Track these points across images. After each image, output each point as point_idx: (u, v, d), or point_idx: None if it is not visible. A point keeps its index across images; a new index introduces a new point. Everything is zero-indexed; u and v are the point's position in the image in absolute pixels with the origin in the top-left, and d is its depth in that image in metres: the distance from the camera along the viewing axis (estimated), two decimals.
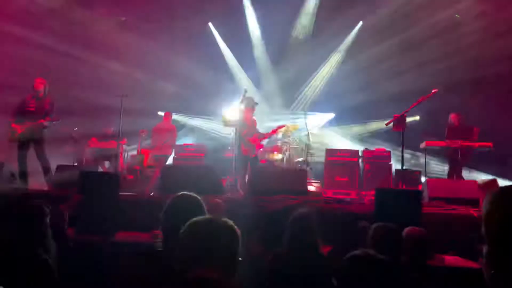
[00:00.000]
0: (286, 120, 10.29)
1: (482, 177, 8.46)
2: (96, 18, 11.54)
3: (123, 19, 11.72)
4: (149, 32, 11.21)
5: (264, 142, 8.72)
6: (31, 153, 7.51)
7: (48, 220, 3.04)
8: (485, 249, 1.30)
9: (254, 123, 8.02)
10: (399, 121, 6.22)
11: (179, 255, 1.72)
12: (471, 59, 9.95)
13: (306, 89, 12.06)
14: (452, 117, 8.74)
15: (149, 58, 11.44)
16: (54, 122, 7.37)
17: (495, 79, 9.73)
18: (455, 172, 8.33)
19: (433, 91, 6.33)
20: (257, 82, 11.96)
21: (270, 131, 8.29)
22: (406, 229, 3.24)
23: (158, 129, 10.29)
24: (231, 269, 1.73)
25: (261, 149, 8.37)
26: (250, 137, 7.74)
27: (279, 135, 10.04)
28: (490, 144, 8.00)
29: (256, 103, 8.09)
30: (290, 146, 9.98)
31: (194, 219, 1.78)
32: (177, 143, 10.57)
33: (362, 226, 3.52)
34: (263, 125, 9.16)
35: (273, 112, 11.55)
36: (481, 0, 9.93)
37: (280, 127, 8.33)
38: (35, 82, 7.46)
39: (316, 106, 11.83)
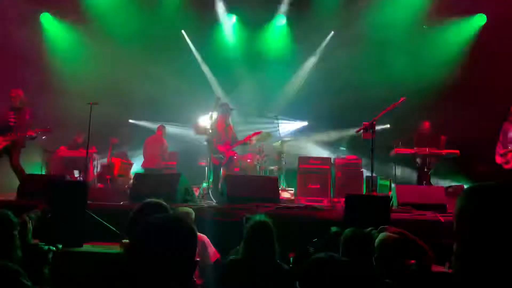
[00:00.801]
0: (259, 127, 10.27)
1: (450, 183, 8.69)
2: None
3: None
4: (121, 38, 11.11)
5: (237, 149, 8.69)
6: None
7: (16, 232, 2.93)
8: (455, 247, 1.31)
9: (228, 129, 7.94)
10: (369, 129, 6.31)
11: (135, 258, 1.65)
12: (440, 68, 10.27)
13: (280, 96, 12.09)
14: (422, 125, 9.01)
15: (121, 65, 11.32)
16: (44, 132, 7.40)
17: (461, 88, 10.03)
18: (423, 178, 8.52)
19: (401, 99, 6.47)
20: (231, 88, 11.93)
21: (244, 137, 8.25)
22: (384, 235, 3.23)
23: (149, 142, 10.26)
24: (188, 271, 1.68)
25: (234, 156, 8.30)
26: (220, 144, 7.69)
27: (253, 143, 10.06)
28: (457, 151, 8.24)
29: (231, 109, 8.02)
30: (263, 153, 10.01)
31: (150, 218, 1.72)
32: None
33: (334, 232, 3.53)
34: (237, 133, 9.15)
35: (246, 119, 11.55)
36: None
37: (255, 133, 8.24)
38: (10, 93, 7.35)
39: (289, 113, 11.91)
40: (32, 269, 2.92)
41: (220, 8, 11.61)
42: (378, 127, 6.59)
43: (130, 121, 12.07)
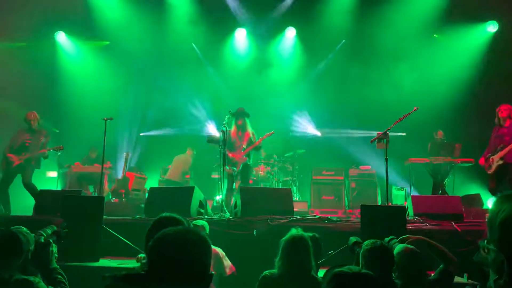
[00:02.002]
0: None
1: (466, 192, 8.57)
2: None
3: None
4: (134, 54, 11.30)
5: (250, 161, 8.58)
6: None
7: (30, 248, 2.94)
8: (490, 257, 1.29)
9: (244, 135, 7.83)
10: (382, 139, 6.28)
11: (149, 271, 1.63)
12: (453, 77, 10.24)
13: (292, 107, 12.01)
14: (436, 134, 8.94)
15: (134, 80, 11.49)
16: (56, 150, 7.78)
17: (475, 95, 9.97)
18: (439, 188, 8.42)
19: (414, 108, 6.44)
20: (242, 100, 11.95)
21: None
22: (402, 247, 3.20)
23: (177, 158, 10.68)
24: (203, 284, 1.64)
25: (249, 163, 8.03)
26: (233, 152, 7.56)
27: (264, 155, 10.06)
28: (472, 159, 8.14)
29: (246, 114, 7.90)
30: (276, 165, 10.01)
31: (163, 230, 1.70)
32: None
33: (354, 242, 3.49)
34: None
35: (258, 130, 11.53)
36: None
37: (267, 135, 7.93)
38: (27, 116, 7.71)
39: (302, 124, 11.89)
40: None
41: (230, 21, 11.70)
42: (393, 134, 6.57)
43: (142, 134, 12.17)
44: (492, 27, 10.48)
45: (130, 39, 11.17)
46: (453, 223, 5.33)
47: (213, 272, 1.70)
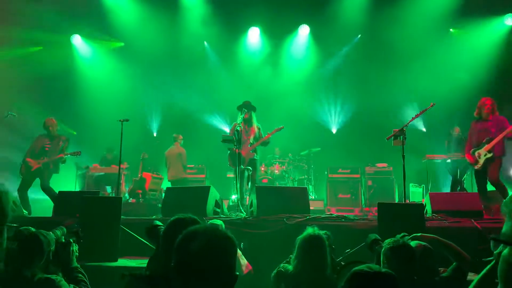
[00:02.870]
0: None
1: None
2: None
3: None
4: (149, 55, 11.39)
5: (265, 160, 8.47)
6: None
7: (51, 248, 2.99)
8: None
9: (251, 130, 7.71)
10: (399, 136, 6.20)
11: (176, 272, 1.57)
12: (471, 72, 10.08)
13: (306, 104, 11.96)
14: (453, 130, 8.81)
15: (149, 81, 11.58)
16: (74, 155, 7.89)
17: (494, 90, 9.79)
18: (458, 184, 8.30)
19: (430, 104, 6.35)
20: (255, 98, 11.93)
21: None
22: (414, 244, 3.17)
23: (169, 154, 10.23)
24: (229, 286, 1.59)
25: (255, 158, 7.92)
26: (240, 149, 7.41)
27: (279, 154, 10.04)
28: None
29: (253, 108, 7.71)
30: (291, 163, 9.98)
31: (189, 228, 1.64)
32: None
33: (373, 240, 3.46)
34: None
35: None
36: None
37: (276, 130, 7.76)
38: (45, 122, 7.88)
39: (316, 121, 11.84)
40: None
41: (244, 20, 11.71)
42: (413, 127, 6.46)
43: (155, 134, 12.27)
44: (510, 20, 10.27)
45: (144, 40, 11.26)
46: (472, 220, 5.24)
47: (237, 273, 1.63)
